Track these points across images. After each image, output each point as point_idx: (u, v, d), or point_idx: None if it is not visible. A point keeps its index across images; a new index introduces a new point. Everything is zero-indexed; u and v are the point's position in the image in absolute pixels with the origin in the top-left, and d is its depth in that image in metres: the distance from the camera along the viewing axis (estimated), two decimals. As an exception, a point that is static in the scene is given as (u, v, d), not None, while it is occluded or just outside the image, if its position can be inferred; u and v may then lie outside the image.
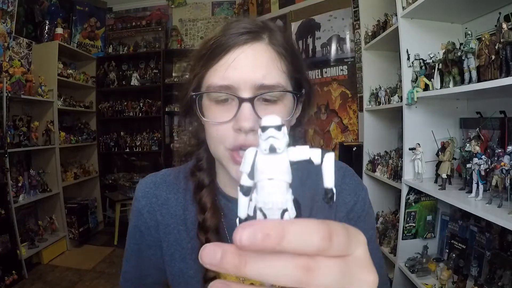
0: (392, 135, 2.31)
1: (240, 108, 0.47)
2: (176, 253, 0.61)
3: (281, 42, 0.51)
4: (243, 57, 0.48)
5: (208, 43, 0.51)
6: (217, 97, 0.49)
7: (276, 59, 0.50)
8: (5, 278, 2.44)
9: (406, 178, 1.64)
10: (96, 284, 2.61)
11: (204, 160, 0.61)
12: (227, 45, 0.48)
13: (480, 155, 1.17)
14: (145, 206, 0.62)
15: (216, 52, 0.49)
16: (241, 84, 0.47)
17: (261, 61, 0.48)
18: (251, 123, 0.47)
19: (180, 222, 0.61)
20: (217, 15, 4.10)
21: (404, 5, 1.59)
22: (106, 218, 4.08)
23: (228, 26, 0.51)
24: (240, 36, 0.48)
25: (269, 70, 0.48)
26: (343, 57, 2.78)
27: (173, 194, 0.63)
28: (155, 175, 0.66)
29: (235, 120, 0.48)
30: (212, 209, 0.57)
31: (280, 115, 0.48)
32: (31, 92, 2.90)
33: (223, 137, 0.50)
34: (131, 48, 4.04)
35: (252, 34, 0.49)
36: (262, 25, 0.51)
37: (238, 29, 0.49)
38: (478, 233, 1.41)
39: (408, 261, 1.63)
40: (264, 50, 0.49)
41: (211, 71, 0.49)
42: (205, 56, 0.50)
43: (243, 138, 0.48)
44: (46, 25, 3.39)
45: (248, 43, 0.49)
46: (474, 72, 1.17)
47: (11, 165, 2.74)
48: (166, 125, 4.02)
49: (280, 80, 0.49)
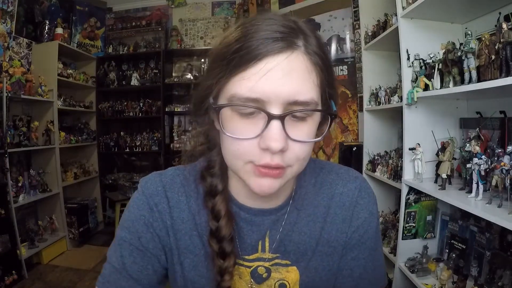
0: (392, 135, 2.31)
1: (268, 126, 0.42)
2: (187, 261, 0.57)
3: (317, 50, 0.46)
4: (277, 68, 0.42)
5: (233, 45, 0.44)
6: (242, 109, 0.44)
7: (311, 71, 0.45)
8: (5, 278, 2.44)
9: (406, 178, 1.64)
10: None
11: (217, 166, 0.57)
12: (259, 53, 0.42)
13: (480, 155, 1.17)
14: (158, 204, 0.57)
15: (245, 59, 0.42)
16: (272, 99, 0.42)
17: (296, 74, 0.43)
18: (281, 143, 0.42)
19: (192, 227, 0.57)
20: (217, 15, 4.10)
21: (404, 5, 1.59)
22: (106, 218, 4.08)
23: (257, 27, 0.44)
24: (274, 43, 0.42)
25: (303, 84, 0.43)
26: (343, 57, 2.79)
27: (185, 197, 0.58)
28: (163, 175, 0.60)
29: (261, 138, 0.43)
30: (226, 216, 0.54)
31: (309, 133, 0.46)
32: (31, 92, 2.89)
33: (244, 154, 0.45)
34: (131, 48, 4.03)
35: (287, 41, 0.43)
36: (296, 28, 0.45)
37: (271, 33, 0.43)
38: (478, 233, 1.41)
39: (408, 261, 1.63)
40: (300, 60, 0.44)
41: (237, 78, 0.43)
42: (231, 61, 0.43)
43: (269, 158, 0.44)
44: (46, 25, 3.38)
45: (283, 52, 0.42)
46: (474, 72, 1.17)
47: (11, 165, 2.74)
48: (166, 125, 4.01)
49: (313, 95, 0.44)
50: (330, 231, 0.59)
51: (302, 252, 0.58)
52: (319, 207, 0.59)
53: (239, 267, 0.58)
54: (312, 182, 0.61)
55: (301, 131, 0.45)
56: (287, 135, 0.43)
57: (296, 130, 0.45)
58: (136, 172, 4.18)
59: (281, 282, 0.58)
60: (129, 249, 0.56)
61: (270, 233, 0.58)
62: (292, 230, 0.58)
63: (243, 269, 0.58)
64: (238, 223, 0.57)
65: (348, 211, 0.59)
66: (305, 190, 0.60)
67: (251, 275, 0.58)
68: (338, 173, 0.63)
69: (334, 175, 0.62)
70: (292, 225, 0.58)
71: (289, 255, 0.58)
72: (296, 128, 0.45)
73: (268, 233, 0.58)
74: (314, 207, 0.59)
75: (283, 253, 0.58)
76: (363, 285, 0.60)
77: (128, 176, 4.11)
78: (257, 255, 0.58)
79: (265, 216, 0.57)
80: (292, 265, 0.58)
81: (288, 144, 0.44)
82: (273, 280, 0.58)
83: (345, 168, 0.64)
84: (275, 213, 0.57)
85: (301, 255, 0.58)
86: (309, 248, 0.58)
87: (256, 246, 0.58)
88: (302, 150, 0.46)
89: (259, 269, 0.58)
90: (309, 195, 0.60)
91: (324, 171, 0.63)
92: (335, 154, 2.83)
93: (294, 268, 0.58)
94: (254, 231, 0.57)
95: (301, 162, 0.47)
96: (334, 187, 0.61)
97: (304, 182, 0.60)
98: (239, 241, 0.57)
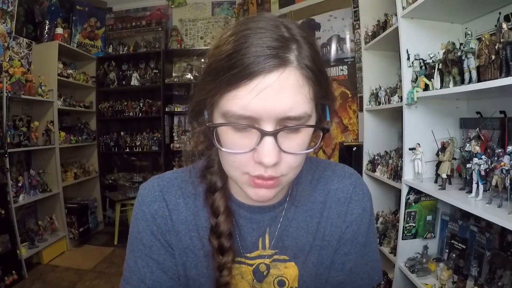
0: (392, 135, 2.31)
1: (261, 141, 0.44)
2: (189, 261, 0.59)
3: (310, 63, 0.45)
4: (269, 88, 0.42)
5: (226, 60, 0.44)
6: (236, 125, 0.45)
7: (304, 84, 0.44)
8: (5, 278, 2.44)
9: (406, 178, 1.64)
10: (96, 284, 2.61)
11: (216, 164, 0.58)
12: (250, 71, 0.42)
13: (480, 155, 1.17)
14: (158, 211, 0.59)
15: (237, 77, 0.42)
16: (264, 116, 0.43)
17: (288, 91, 0.43)
18: (274, 158, 0.44)
19: (192, 228, 0.59)
20: (217, 15, 4.10)
21: (404, 5, 1.59)
22: (106, 218, 4.08)
23: (249, 41, 0.43)
24: (265, 61, 0.42)
25: (295, 100, 0.43)
26: (343, 57, 2.79)
27: (183, 199, 0.60)
28: (161, 179, 0.62)
29: (255, 152, 0.45)
30: (225, 212, 0.56)
31: (302, 144, 0.47)
32: (31, 92, 2.90)
33: (240, 165, 0.47)
34: (131, 48, 4.03)
35: (279, 59, 0.42)
36: (289, 38, 0.45)
37: (262, 50, 0.42)
38: (478, 233, 1.41)
39: (408, 261, 1.63)
40: (292, 76, 0.43)
41: (230, 96, 0.43)
42: (223, 78, 0.43)
43: (263, 170, 0.46)
44: (46, 25, 3.38)
45: (275, 70, 0.42)
46: (474, 72, 1.17)
47: (11, 165, 2.74)
48: (166, 125, 4.01)
49: (306, 109, 0.45)
50: (326, 225, 0.60)
51: (300, 247, 0.59)
52: (315, 203, 0.61)
53: (241, 266, 0.59)
54: (309, 179, 0.63)
55: (294, 142, 0.46)
56: (280, 148, 0.45)
57: (289, 142, 0.46)
58: (136, 172, 4.18)
59: (280, 278, 0.59)
60: (145, 260, 0.59)
61: (270, 229, 0.59)
62: (290, 225, 0.60)
63: (245, 268, 0.59)
64: (238, 222, 0.59)
65: (343, 206, 0.61)
66: (302, 187, 0.61)
67: (253, 273, 0.59)
68: (334, 169, 0.64)
69: (330, 172, 0.64)
70: (290, 220, 0.60)
71: (287, 251, 0.59)
72: (289, 140, 0.46)
73: (268, 230, 0.59)
74: (311, 203, 0.61)
75: (281, 248, 0.59)
76: (354, 279, 0.61)
77: (128, 176, 4.11)
78: (258, 253, 0.59)
79: (264, 213, 0.59)
80: (290, 261, 0.59)
81: (281, 156, 0.46)
82: (271, 277, 0.59)
83: (340, 165, 0.66)
84: (274, 209, 0.59)
85: (299, 250, 0.59)
86: (306, 243, 0.60)
87: (257, 243, 0.59)
88: (295, 160, 0.47)
89: (261, 267, 0.59)
90: (305, 192, 0.61)
91: (320, 168, 0.64)
92: (335, 154, 2.83)
93: (292, 264, 0.59)
94: (254, 229, 0.59)
95: (294, 170, 0.49)
96: (330, 183, 0.62)
97: (301, 179, 0.61)
98: (240, 239, 0.59)
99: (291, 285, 0.59)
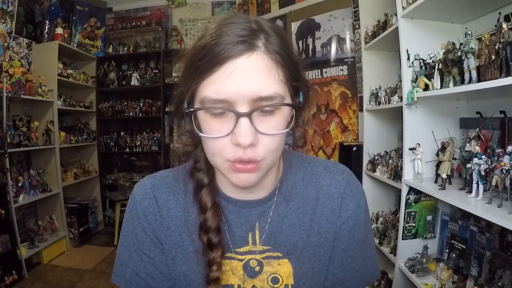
0: (392, 135, 2.31)
1: (237, 123, 0.46)
2: (178, 256, 0.60)
3: (278, 48, 0.48)
4: (239, 70, 0.45)
5: (200, 51, 0.48)
6: (212, 110, 0.48)
7: (273, 67, 0.47)
8: (5, 278, 2.44)
9: (406, 178, 1.64)
10: (96, 284, 2.62)
11: (202, 160, 0.61)
12: (221, 57, 0.45)
13: (480, 155, 1.17)
14: (148, 208, 0.61)
15: (210, 64, 0.46)
16: (237, 98, 0.46)
17: (257, 73, 0.46)
18: (249, 138, 0.46)
19: (181, 224, 0.60)
20: (217, 15, 4.09)
21: (404, 5, 1.59)
22: (106, 218, 4.08)
23: (221, 32, 0.47)
24: (234, 47, 0.46)
25: (265, 81, 0.46)
26: (343, 57, 2.79)
27: (173, 196, 0.62)
28: (153, 177, 0.65)
29: (232, 135, 0.47)
30: (212, 208, 0.57)
31: (278, 125, 0.49)
32: (31, 92, 2.90)
33: (221, 150, 0.49)
34: (131, 48, 4.04)
35: (247, 43, 0.46)
36: (257, 29, 0.48)
37: (232, 37, 0.46)
38: (478, 233, 1.41)
39: (408, 261, 1.63)
40: (260, 60, 0.47)
41: (205, 83, 0.47)
42: (198, 66, 0.48)
43: (242, 152, 0.48)
44: (46, 25, 3.39)
45: (243, 54, 0.46)
46: (474, 72, 1.17)
47: (11, 165, 2.75)
48: (166, 125, 4.01)
49: (277, 89, 0.47)
50: (320, 222, 0.61)
51: (293, 244, 0.60)
52: (308, 199, 0.62)
53: (232, 261, 0.59)
54: (301, 176, 0.63)
55: (269, 124, 0.48)
56: (256, 129, 0.47)
57: (265, 124, 0.48)
58: (136, 172, 4.18)
59: (274, 276, 0.59)
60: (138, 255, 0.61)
61: (260, 225, 0.60)
62: (282, 222, 0.60)
63: (236, 263, 0.59)
64: (227, 216, 0.60)
65: (336, 202, 0.62)
66: (293, 183, 0.63)
67: (244, 268, 0.59)
68: (325, 166, 0.65)
69: (322, 168, 0.65)
70: (282, 217, 0.60)
71: (280, 247, 0.60)
72: (264, 122, 0.48)
73: (257, 225, 0.60)
74: (304, 199, 0.62)
75: (274, 245, 0.60)
76: (353, 275, 0.62)
77: (128, 176, 4.12)
78: (248, 248, 0.60)
79: (252, 208, 0.60)
80: (284, 258, 0.60)
81: (258, 138, 0.48)
82: (265, 274, 0.59)
83: (332, 162, 0.67)
84: (262, 204, 0.60)
85: (292, 247, 0.60)
86: (299, 240, 0.60)
87: (247, 238, 0.60)
88: (272, 142, 0.49)
89: (251, 262, 0.59)
90: (297, 188, 0.62)
91: (312, 165, 0.65)
92: (335, 154, 2.83)
93: (285, 261, 0.60)
94: (242, 223, 0.60)
95: (273, 153, 0.51)
96: (322, 179, 0.63)
97: (290, 175, 0.63)
98: (229, 234, 0.59)
99: (285, 282, 0.59)
